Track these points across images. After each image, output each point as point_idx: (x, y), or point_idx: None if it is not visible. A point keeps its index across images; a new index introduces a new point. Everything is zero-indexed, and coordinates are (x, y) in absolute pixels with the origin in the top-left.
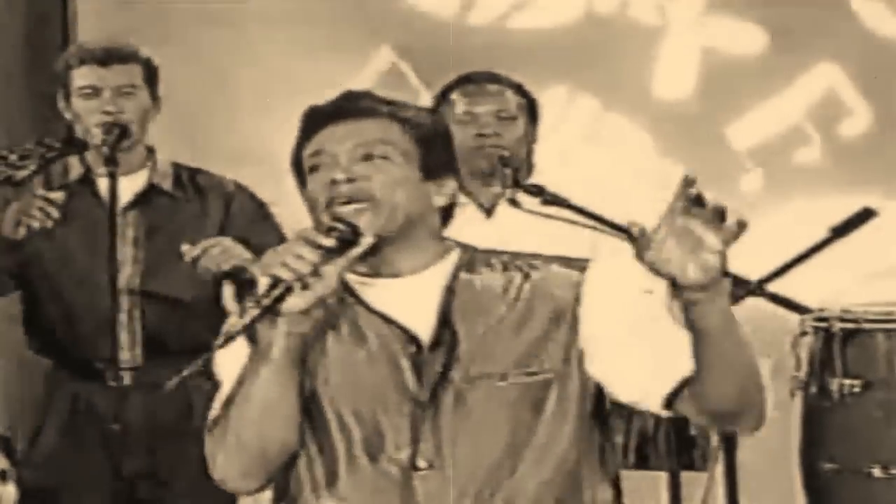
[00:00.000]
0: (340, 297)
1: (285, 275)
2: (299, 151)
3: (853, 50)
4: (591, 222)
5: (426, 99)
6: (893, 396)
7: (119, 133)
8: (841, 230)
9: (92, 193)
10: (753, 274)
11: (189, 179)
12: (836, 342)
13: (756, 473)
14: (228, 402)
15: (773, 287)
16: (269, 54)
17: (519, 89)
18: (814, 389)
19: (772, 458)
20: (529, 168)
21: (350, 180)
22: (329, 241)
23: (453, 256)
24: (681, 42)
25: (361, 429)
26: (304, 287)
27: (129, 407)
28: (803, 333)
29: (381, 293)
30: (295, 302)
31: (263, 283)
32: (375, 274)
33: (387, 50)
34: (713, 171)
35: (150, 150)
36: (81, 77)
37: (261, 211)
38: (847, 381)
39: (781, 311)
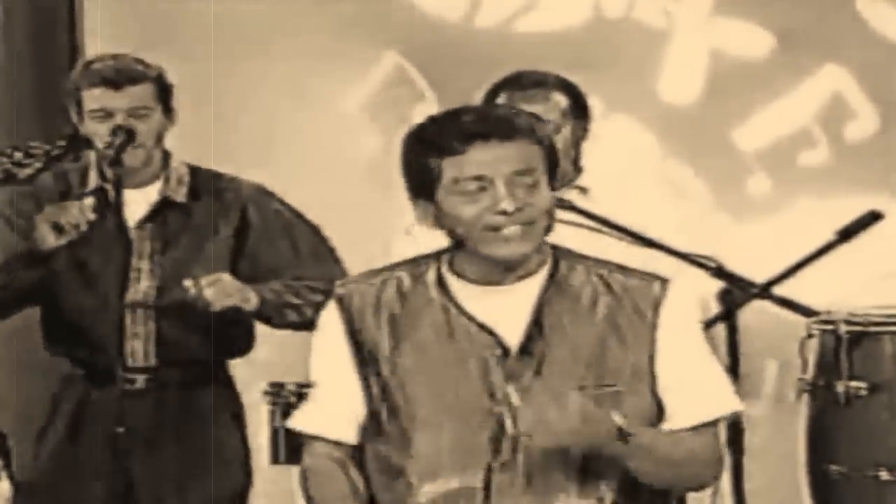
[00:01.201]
0: (436, 298)
1: None
2: (435, 162)
3: (860, 52)
4: (619, 234)
5: (432, 102)
6: None
7: (125, 137)
8: (847, 233)
9: (107, 205)
10: (760, 276)
11: (206, 185)
12: (843, 345)
13: (763, 477)
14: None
15: (779, 290)
16: (275, 57)
17: (567, 88)
18: (820, 392)
19: (778, 461)
20: (577, 170)
21: (517, 210)
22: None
23: (549, 265)
24: (687, 44)
25: (443, 430)
26: None
27: (137, 410)
28: (810, 336)
29: (479, 299)
30: None
31: None
32: (476, 280)
33: (393, 53)
34: (720, 174)
35: (166, 159)
36: (93, 99)
37: (282, 219)
38: (854, 384)
39: (788, 313)
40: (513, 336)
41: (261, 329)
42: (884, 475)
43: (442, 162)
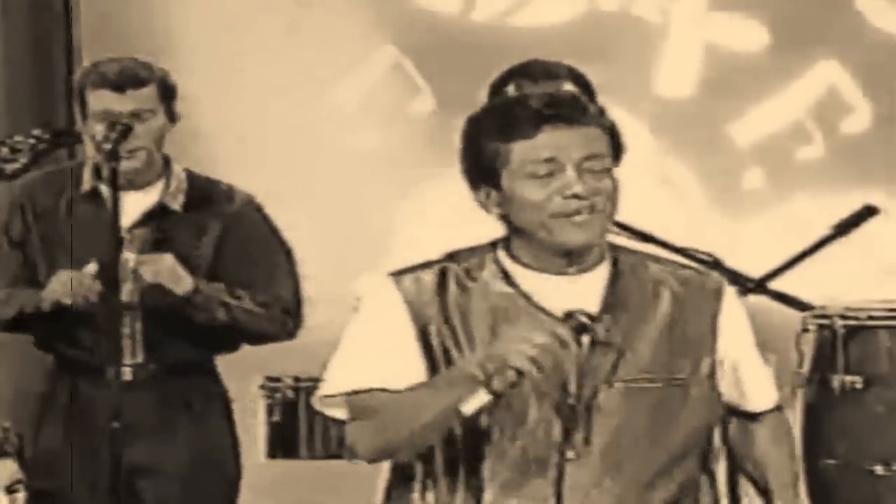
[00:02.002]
0: (501, 288)
1: (531, 368)
2: (503, 146)
3: (855, 47)
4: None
5: (429, 97)
6: (895, 393)
7: (121, 131)
8: (843, 227)
9: (100, 205)
10: (756, 271)
11: (200, 194)
12: (839, 339)
13: None
14: (387, 410)
15: (775, 284)
16: (273, 52)
17: (577, 78)
18: (816, 386)
19: None
20: None
21: (587, 195)
22: (567, 335)
23: (609, 257)
24: (683, 39)
25: (512, 416)
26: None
27: (128, 403)
28: (805, 330)
29: (545, 289)
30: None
31: (511, 375)
32: (542, 269)
33: (389, 47)
34: (715, 169)
35: (167, 163)
36: (97, 101)
37: (259, 235)
38: (849, 378)
39: (784, 308)
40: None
41: None
42: (879, 469)
43: (511, 146)
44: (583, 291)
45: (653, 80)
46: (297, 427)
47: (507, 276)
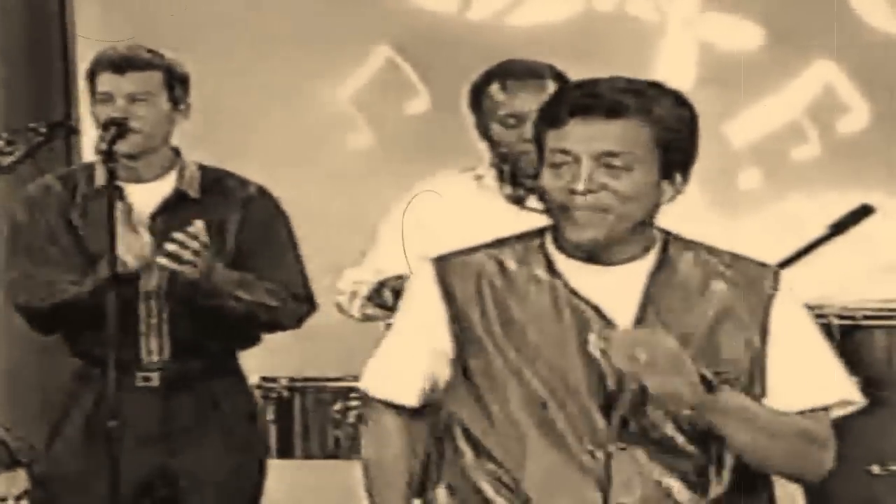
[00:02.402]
0: (543, 275)
1: None
2: (542, 133)
3: (851, 46)
4: None
5: (424, 96)
6: (892, 392)
7: (116, 130)
8: (839, 227)
9: (121, 198)
10: None
11: (214, 183)
12: (835, 338)
13: None
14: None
15: None
16: (265, 52)
17: (559, 78)
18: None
19: None
20: None
21: (589, 192)
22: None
23: (658, 247)
24: (678, 38)
25: (546, 407)
26: None
27: (153, 406)
28: None
29: (588, 279)
30: None
31: None
32: (586, 259)
33: (385, 46)
34: (711, 168)
35: (177, 154)
36: (101, 83)
37: (273, 223)
38: None
39: None
40: (624, 317)
41: None
42: (876, 469)
43: (546, 133)
44: (625, 282)
45: (648, 78)
46: (291, 427)
47: (550, 265)
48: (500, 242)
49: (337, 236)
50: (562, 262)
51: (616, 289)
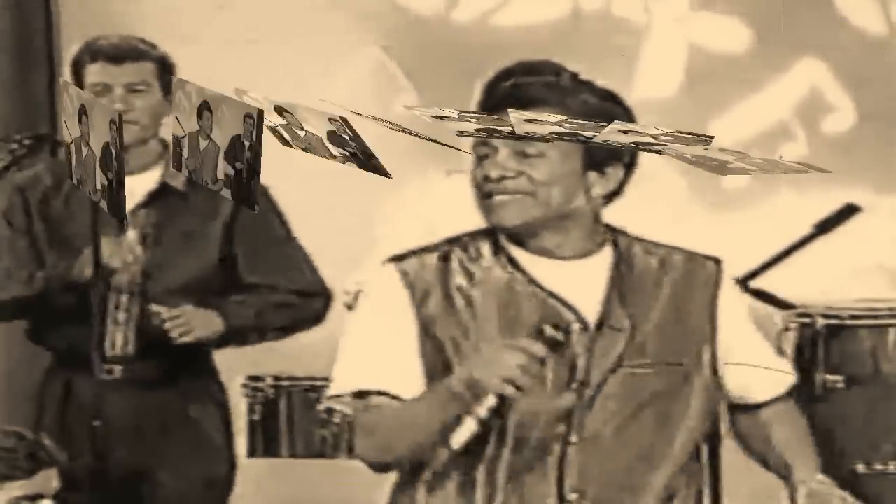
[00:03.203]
0: (505, 271)
1: (512, 392)
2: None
3: (838, 46)
4: None
5: (412, 96)
6: (877, 392)
7: (120, 122)
8: (825, 226)
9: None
10: (738, 270)
11: None
12: (820, 338)
13: (739, 470)
14: (385, 424)
15: (757, 283)
16: (253, 55)
17: (575, 79)
18: (798, 385)
19: None
20: None
21: (502, 178)
22: (542, 351)
23: (612, 242)
24: (665, 38)
25: (514, 400)
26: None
27: (117, 401)
28: (787, 329)
29: (549, 272)
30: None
31: (490, 401)
32: (543, 253)
33: (373, 48)
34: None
35: (165, 147)
36: (93, 74)
37: (266, 215)
38: (831, 377)
39: (766, 306)
40: (590, 311)
41: None
42: (860, 468)
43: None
44: (587, 276)
45: (635, 79)
46: (277, 426)
47: (509, 258)
48: (453, 241)
49: (324, 235)
50: (522, 257)
51: (580, 283)
